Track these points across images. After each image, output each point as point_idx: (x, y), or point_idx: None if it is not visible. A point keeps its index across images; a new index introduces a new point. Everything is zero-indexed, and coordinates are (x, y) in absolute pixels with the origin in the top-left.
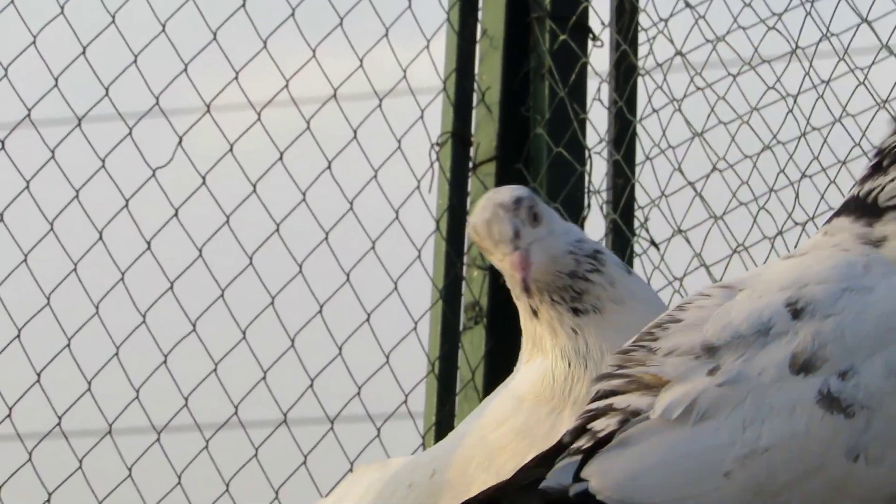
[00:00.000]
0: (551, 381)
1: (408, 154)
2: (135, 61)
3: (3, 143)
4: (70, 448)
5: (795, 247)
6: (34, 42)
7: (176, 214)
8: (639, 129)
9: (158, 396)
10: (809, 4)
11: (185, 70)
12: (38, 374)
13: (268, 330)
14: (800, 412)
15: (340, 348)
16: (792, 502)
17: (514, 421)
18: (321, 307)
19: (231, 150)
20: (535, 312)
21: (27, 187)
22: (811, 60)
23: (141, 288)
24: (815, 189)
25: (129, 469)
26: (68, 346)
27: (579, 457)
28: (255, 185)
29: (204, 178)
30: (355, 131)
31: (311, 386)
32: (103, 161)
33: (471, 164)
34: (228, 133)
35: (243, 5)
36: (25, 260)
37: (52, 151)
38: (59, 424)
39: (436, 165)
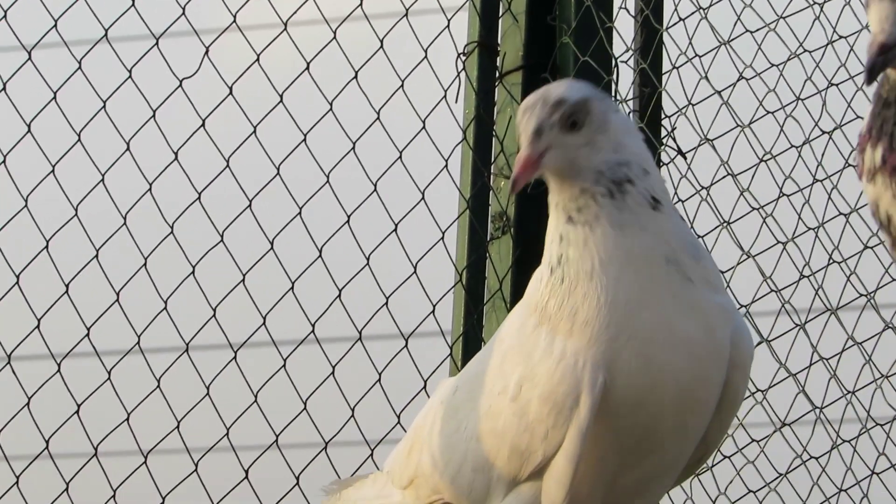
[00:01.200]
0: (537, 290)
1: (434, 65)
2: None
3: (30, 54)
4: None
5: (822, 155)
6: None
7: (203, 125)
8: (665, 37)
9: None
10: None
11: None
12: (66, 288)
13: (295, 242)
14: None
15: (368, 258)
16: None
17: (514, 333)
18: (349, 217)
19: (258, 60)
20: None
21: (54, 98)
22: None
23: (168, 199)
24: (842, 97)
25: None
26: (96, 257)
27: None
28: (281, 95)
29: (231, 88)
30: (381, 40)
31: (339, 297)
32: (130, 71)
33: (497, 74)
34: (255, 49)
35: None
36: (53, 171)
37: (80, 62)
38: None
39: (462, 75)
